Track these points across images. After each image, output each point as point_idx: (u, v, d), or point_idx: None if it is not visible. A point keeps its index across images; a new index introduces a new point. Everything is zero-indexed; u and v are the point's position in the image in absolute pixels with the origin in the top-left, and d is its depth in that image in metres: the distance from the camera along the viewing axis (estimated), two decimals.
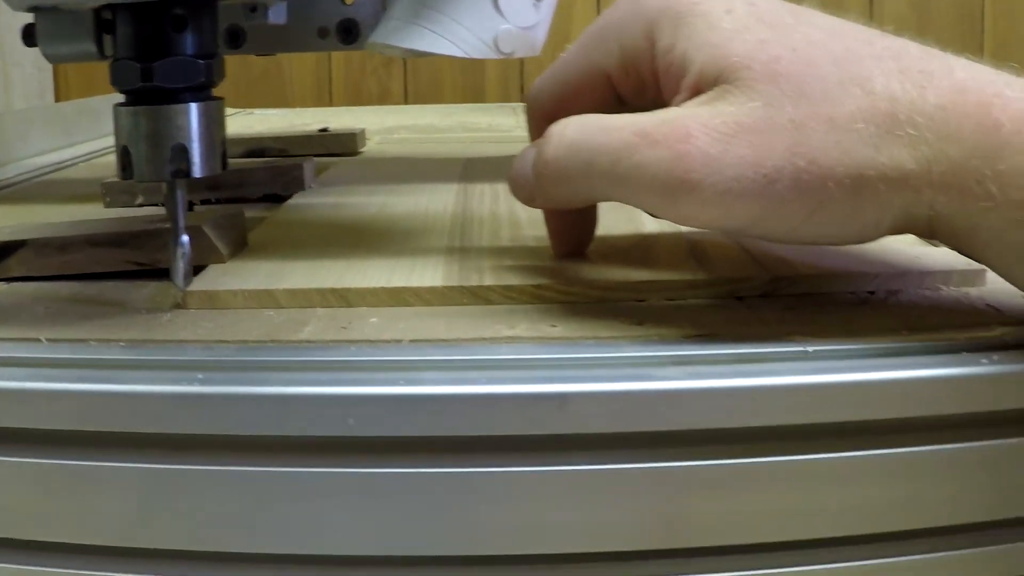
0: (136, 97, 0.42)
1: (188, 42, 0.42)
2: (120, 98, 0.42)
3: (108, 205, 0.64)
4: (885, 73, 0.36)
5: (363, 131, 0.90)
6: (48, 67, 1.51)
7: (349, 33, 0.53)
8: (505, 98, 1.56)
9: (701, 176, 0.36)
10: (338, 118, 1.19)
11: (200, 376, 0.35)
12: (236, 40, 0.53)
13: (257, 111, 1.30)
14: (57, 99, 1.53)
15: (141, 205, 0.63)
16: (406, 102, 1.63)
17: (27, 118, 1.01)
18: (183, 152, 0.41)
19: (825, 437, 0.35)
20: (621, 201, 0.38)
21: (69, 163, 0.90)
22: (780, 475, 0.35)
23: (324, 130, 0.89)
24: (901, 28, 0.38)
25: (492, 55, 0.48)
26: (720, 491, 0.35)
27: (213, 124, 0.42)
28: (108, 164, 0.90)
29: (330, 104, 1.62)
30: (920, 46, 0.37)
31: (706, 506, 0.35)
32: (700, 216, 0.37)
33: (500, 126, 1.09)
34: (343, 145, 0.86)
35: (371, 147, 0.91)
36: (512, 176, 0.42)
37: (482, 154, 0.84)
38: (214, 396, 0.34)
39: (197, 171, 0.42)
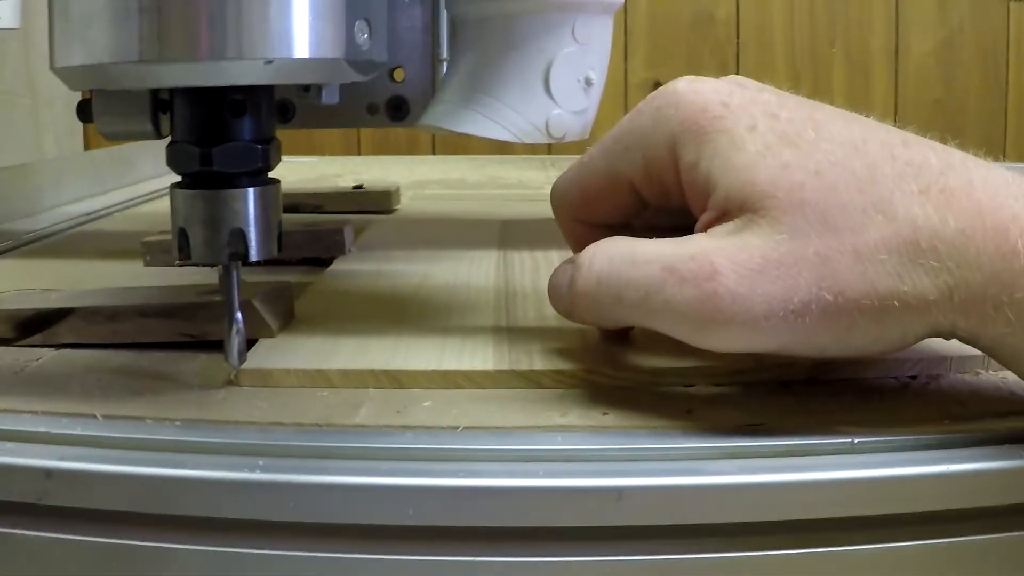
0: (194, 180, 0.43)
1: (246, 127, 0.42)
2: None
3: (148, 264, 0.65)
4: (906, 196, 0.36)
5: (398, 188, 0.91)
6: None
7: (398, 110, 0.53)
8: (532, 150, 1.56)
9: (730, 315, 0.36)
10: (368, 169, 1.20)
11: (260, 463, 0.36)
12: (286, 114, 0.54)
13: (286, 158, 1.30)
14: (86, 137, 1.54)
15: (181, 265, 0.63)
16: (434, 150, 1.63)
17: (59, 166, 1.02)
18: (240, 236, 0.42)
19: (871, 528, 0.35)
20: (652, 329, 0.39)
21: (103, 213, 0.91)
22: (829, 567, 0.35)
23: (359, 187, 0.89)
24: (924, 78, 0.38)
25: (543, 140, 0.49)
26: None
27: (270, 208, 0.43)
28: (142, 215, 0.91)
29: (358, 150, 1.62)
30: (940, 153, 0.38)
31: None
32: (729, 347, 0.37)
33: (531, 182, 1.10)
34: (378, 203, 0.87)
35: (405, 203, 0.92)
36: (551, 291, 0.43)
37: (516, 213, 0.85)
38: (274, 484, 0.35)
39: (254, 255, 0.42)
